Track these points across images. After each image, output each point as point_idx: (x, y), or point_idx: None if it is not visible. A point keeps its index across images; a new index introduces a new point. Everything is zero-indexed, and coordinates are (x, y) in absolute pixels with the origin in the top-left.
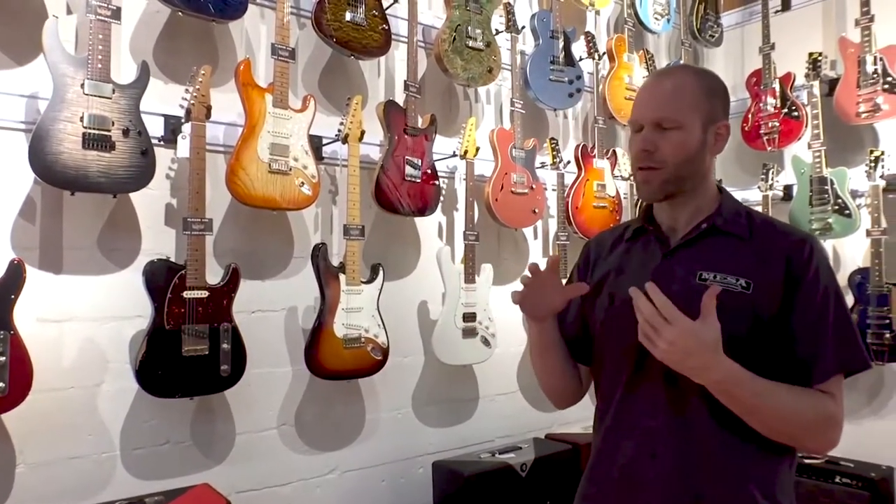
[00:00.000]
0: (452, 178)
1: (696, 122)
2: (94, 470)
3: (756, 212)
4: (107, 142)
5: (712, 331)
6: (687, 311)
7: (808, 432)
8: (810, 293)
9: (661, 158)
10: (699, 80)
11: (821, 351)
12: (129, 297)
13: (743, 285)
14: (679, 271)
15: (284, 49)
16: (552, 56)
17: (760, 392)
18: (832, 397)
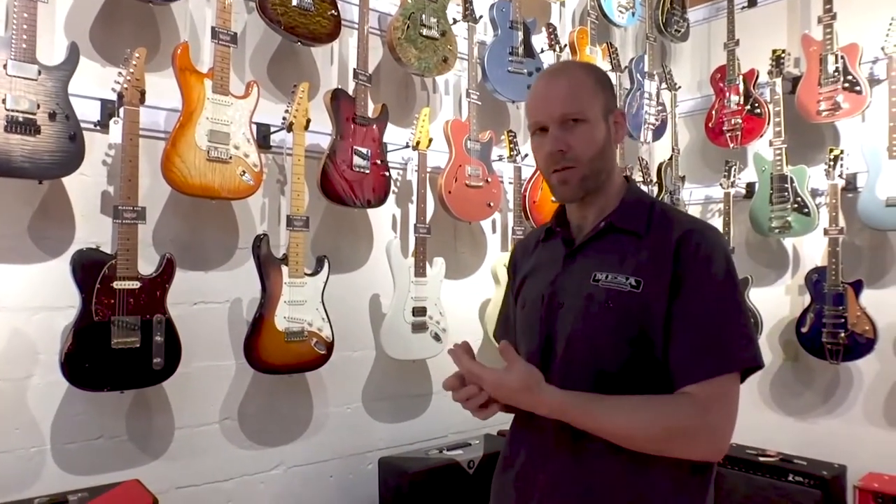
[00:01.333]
0: (405, 169)
1: (597, 113)
2: (22, 465)
3: (660, 203)
4: (31, 125)
5: (519, 377)
6: (581, 312)
7: (662, 444)
8: (694, 289)
9: (574, 156)
10: (590, 73)
11: (692, 351)
12: (61, 287)
13: (632, 284)
14: (578, 273)
15: (225, 33)
16: (511, 47)
17: (597, 414)
18: (697, 402)
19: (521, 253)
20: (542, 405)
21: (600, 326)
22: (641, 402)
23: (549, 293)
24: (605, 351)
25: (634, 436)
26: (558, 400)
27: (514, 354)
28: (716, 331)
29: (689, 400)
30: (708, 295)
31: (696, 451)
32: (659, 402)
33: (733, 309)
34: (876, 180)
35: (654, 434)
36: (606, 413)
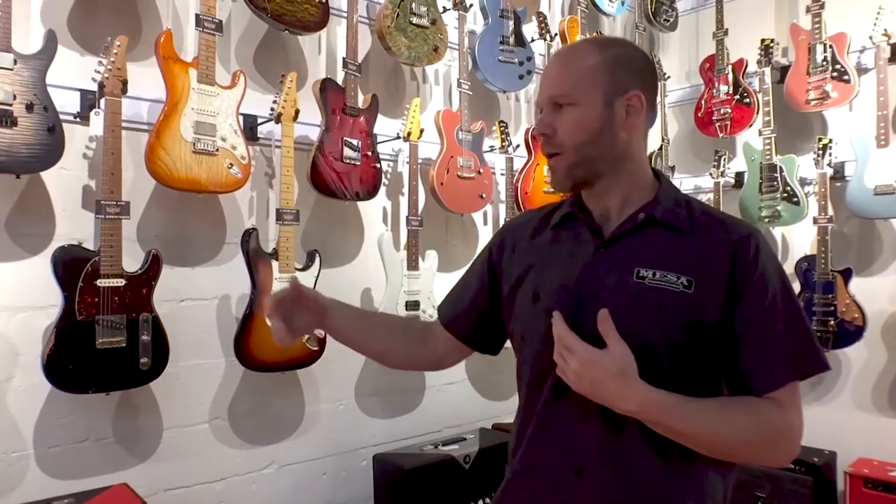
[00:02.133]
0: (396, 160)
1: (594, 96)
2: (4, 471)
3: (696, 201)
4: (8, 117)
5: (617, 360)
6: (627, 311)
7: (754, 451)
8: (758, 294)
9: (560, 142)
10: (599, 52)
11: (771, 358)
12: (42, 286)
13: (684, 284)
14: (615, 267)
15: (210, 20)
16: (502, 36)
17: (688, 418)
18: (782, 407)
19: (514, 237)
20: (632, 398)
21: (648, 330)
22: (731, 405)
23: (578, 287)
24: (649, 356)
25: (728, 441)
26: (654, 396)
27: (613, 328)
28: (791, 337)
29: (772, 405)
30: (776, 301)
31: (780, 457)
32: (749, 406)
33: (800, 314)
34: (864, 169)
35: (748, 440)
36: (701, 415)
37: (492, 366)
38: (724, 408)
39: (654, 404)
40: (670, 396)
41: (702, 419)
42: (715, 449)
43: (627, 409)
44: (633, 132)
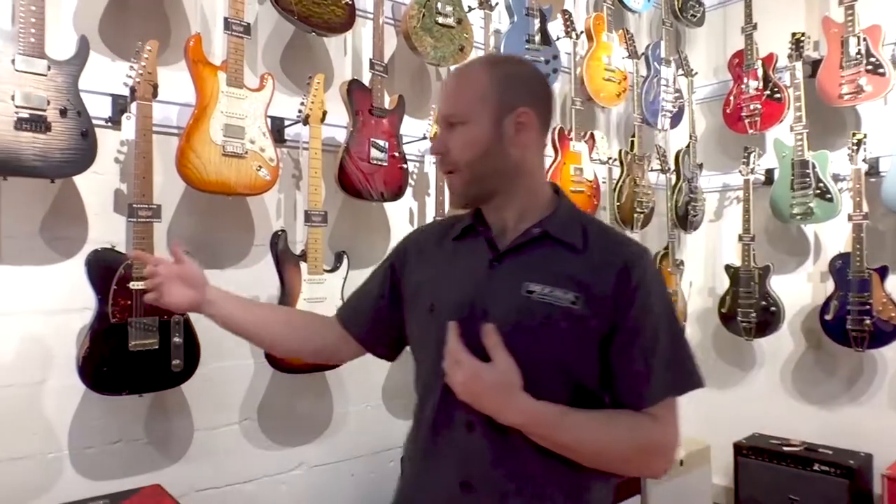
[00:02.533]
0: (423, 161)
1: (483, 114)
2: (41, 471)
3: (592, 220)
4: (42, 122)
5: (501, 373)
6: (514, 325)
7: (630, 463)
8: (640, 315)
9: (452, 160)
10: (490, 70)
11: (651, 374)
12: (76, 289)
13: (571, 300)
14: (506, 281)
15: (238, 23)
16: (527, 35)
17: (570, 430)
18: (659, 421)
19: (417, 248)
20: (516, 411)
21: (532, 344)
22: (610, 418)
23: (470, 301)
24: (533, 370)
25: (605, 451)
26: (535, 408)
27: (499, 343)
28: (670, 355)
29: (648, 419)
30: (659, 320)
31: (657, 468)
32: (626, 419)
33: (680, 334)
34: None
35: (625, 451)
36: (580, 427)
37: None
38: (605, 421)
39: (537, 416)
40: (553, 409)
41: (583, 432)
42: (595, 460)
43: (511, 420)
44: (524, 148)
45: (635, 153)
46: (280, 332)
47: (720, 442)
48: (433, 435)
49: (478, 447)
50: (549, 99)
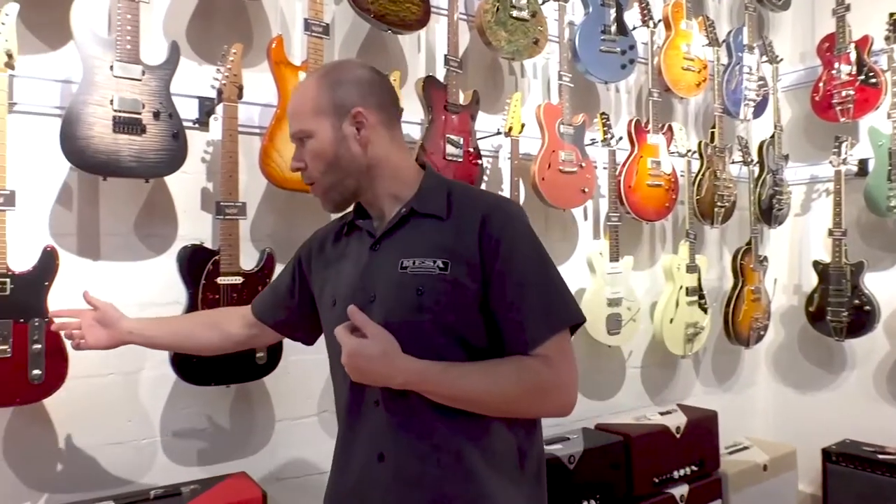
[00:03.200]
0: (497, 156)
1: (323, 123)
2: (135, 455)
3: (460, 185)
4: (137, 125)
5: (377, 343)
6: (395, 300)
7: (521, 404)
8: (506, 262)
9: (310, 173)
10: (320, 81)
11: (527, 317)
12: (167, 283)
13: (440, 266)
14: (386, 262)
15: (318, 24)
16: (603, 25)
17: (453, 381)
18: (547, 362)
19: (318, 247)
20: (400, 373)
21: (415, 312)
22: (494, 365)
23: (360, 287)
24: (422, 338)
25: (495, 398)
26: (417, 367)
27: (367, 319)
28: (541, 296)
29: (537, 360)
30: (524, 265)
31: (551, 408)
32: (511, 364)
33: (549, 273)
34: None
35: (513, 395)
36: (464, 378)
37: (593, 365)
38: (488, 368)
39: (420, 373)
40: (435, 365)
41: (466, 381)
42: (486, 407)
43: (399, 383)
44: (369, 144)
45: (716, 145)
46: (200, 337)
47: (807, 447)
48: (350, 421)
49: (384, 419)
50: (383, 92)
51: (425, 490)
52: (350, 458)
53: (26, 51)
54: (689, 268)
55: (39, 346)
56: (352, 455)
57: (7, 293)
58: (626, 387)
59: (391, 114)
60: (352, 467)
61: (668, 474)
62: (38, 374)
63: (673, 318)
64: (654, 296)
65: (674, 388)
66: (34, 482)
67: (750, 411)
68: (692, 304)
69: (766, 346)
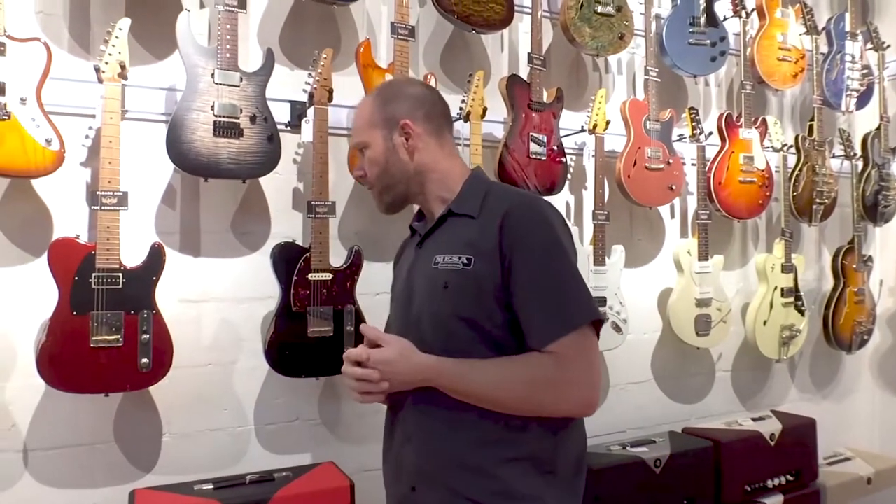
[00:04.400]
0: (580, 154)
1: (376, 135)
2: (231, 442)
3: (500, 187)
4: (235, 129)
5: (392, 348)
6: (426, 294)
7: (533, 400)
8: (524, 258)
9: (368, 179)
10: (374, 98)
11: (538, 314)
12: (261, 279)
13: (465, 262)
14: (424, 260)
15: (404, 27)
16: (692, 17)
17: (468, 377)
18: (560, 359)
19: (400, 250)
20: (419, 370)
21: (441, 306)
22: (507, 361)
23: (406, 285)
24: (448, 329)
25: (505, 394)
26: (433, 364)
27: (378, 331)
28: (555, 293)
29: (551, 357)
30: (540, 260)
31: (565, 406)
32: (523, 360)
33: (564, 270)
34: None
35: (522, 390)
36: (476, 372)
37: (682, 367)
38: (501, 364)
39: (435, 368)
40: (451, 360)
41: (479, 375)
42: (500, 403)
43: (420, 379)
44: (417, 152)
45: (815, 138)
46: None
47: None
48: (392, 416)
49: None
50: (430, 104)
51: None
52: (390, 440)
53: (135, 61)
54: (785, 268)
55: (147, 336)
56: (391, 438)
57: (120, 286)
58: (716, 390)
59: (440, 124)
60: (392, 447)
61: (760, 483)
62: (146, 363)
63: (767, 320)
64: (746, 297)
65: (767, 393)
66: (140, 462)
67: (852, 420)
68: (788, 305)
69: (870, 352)
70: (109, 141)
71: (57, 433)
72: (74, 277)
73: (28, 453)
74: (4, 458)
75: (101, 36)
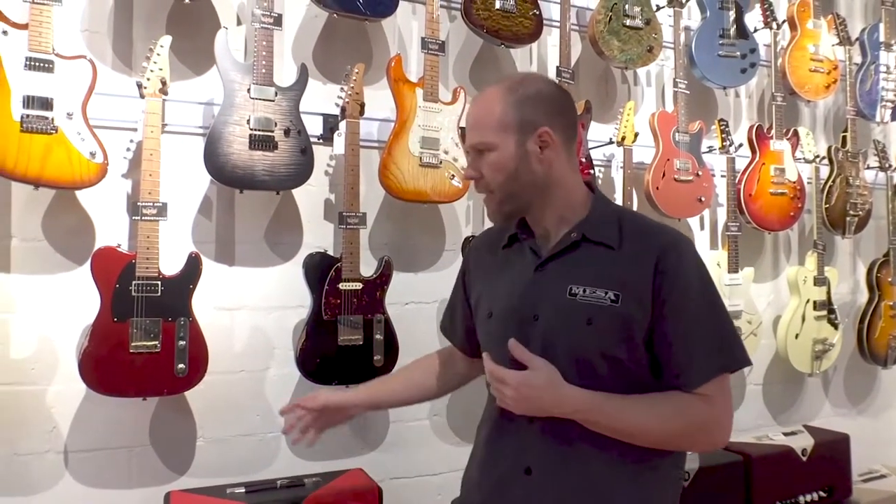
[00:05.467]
0: (609, 166)
1: (507, 139)
2: (261, 448)
3: (630, 214)
4: (270, 142)
5: (542, 374)
6: (561, 326)
7: (682, 440)
8: (680, 299)
9: (486, 183)
10: (507, 95)
11: (694, 356)
12: (292, 288)
13: (612, 298)
14: (553, 285)
15: (434, 42)
16: (721, 29)
17: (618, 413)
18: (708, 400)
19: (475, 260)
20: (567, 403)
21: (583, 342)
22: (658, 400)
23: (521, 305)
24: (590, 365)
25: (655, 432)
26: (584, 396)
27: (528, 352)
28: (712, 336)
29: (699, 398)
30: (696, 304)
31: (709, 443)
32: (675, 400)
33: (722, 314)
34: None
35: (675, 431)
36: (628, 410)
37: None
38: (652, 402)
39: (586, 403)
40: (600, 395)
41: (630, 414)
42: (647, 439)
43: (564, 411)
44: (550, 164)
45: (848, 150)
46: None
47: None
48: (497, 432)
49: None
50: (568, 111)
51: None
52: (494, 467)
53: (175, 77)
54: (818, 280)
55: (184, 342)
56: (495, 465)
57: (158, 294)
58: (746, 404)
59: (571, 136)
60: (493, 475)
61: (792, 499)
62: (182, 369)
63: (798, 334)
64: (777, 309)
65: (799, 407)
66: (174, 465)
67: (888, 437)
68: (820, 318)
69: None
70: (150, 154)
71: (96, 435)
72: (115, 285)
73: (69, 454)
74: (47, 459)
75: (142, 52)
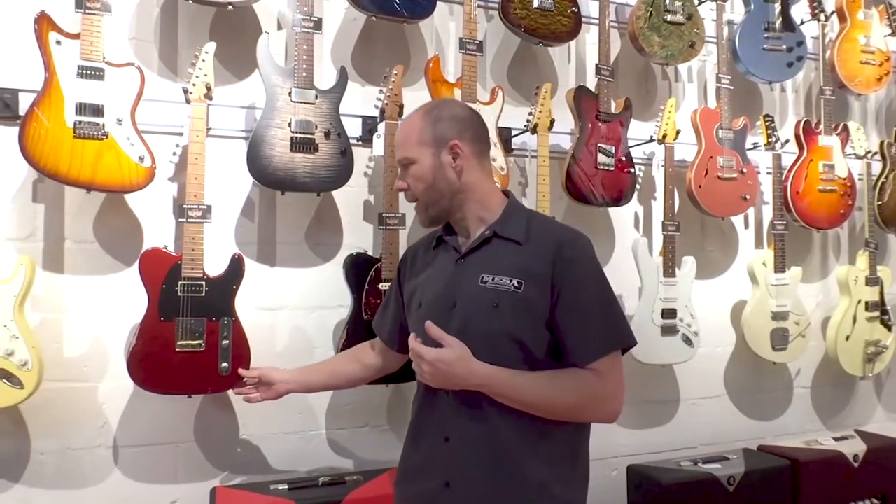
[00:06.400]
0: (650, 164)
1: (425, 152)
2: (303, 445)
3: (539, 216)
4: (311, 144)
5: (454, 351)
6: (473, 310)
7: (578, 411)
8: (574, 286)
9: (412, 193)
10: (424, 117)
11: (585, 336)
12: (332, 288)
13: (515, 285)
14: (468, 275)
15: (472, 42)
16: (766, 22)
17: (521, 387)
18: (601, 375)
19: (411, 259)
20: (475, 377)
21: (491, 324)
22: (557, 375)
23: (444, 295)
24: (495, 345)
25: (553, 405)
26: (490, 371)
27: (442, 331)
28: (603, 319)
29: (592, 374)
30: (588, 290)
31: (602, 415)
32: (571, 375)
33: (611, 299)
34: None
35: (571, 403)
36: (529, 385)
37: (758, 383)
38: (551, 377)
39: (491, 378)
40: (506, 371)
41: (531, 387)
42: (547, 411)
43: (473, 384)
44: (462, 171)
45: None
46: (345, 372)
47: None
48: (424, 407)
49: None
50: (477, 127)
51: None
52: (421, 437)
53: (218, 81)
54: (870, 280)
55: (227, 342)
56: (422, 435)
57: (203, 294)
58: (794, 408)
59: (483, 148)
60: (421, 445)
61: None
62: (225, 367)
63: (850, 335)
64: (826, 310)
65: (850, 412)
66: (217, 461)
67: None
68: (872, 319)
69: None
70: (195, 157)
71: (143, 431)
72: (162, 285)
73: (118, 450)
74: (97, 454)
75: (187, 59)
